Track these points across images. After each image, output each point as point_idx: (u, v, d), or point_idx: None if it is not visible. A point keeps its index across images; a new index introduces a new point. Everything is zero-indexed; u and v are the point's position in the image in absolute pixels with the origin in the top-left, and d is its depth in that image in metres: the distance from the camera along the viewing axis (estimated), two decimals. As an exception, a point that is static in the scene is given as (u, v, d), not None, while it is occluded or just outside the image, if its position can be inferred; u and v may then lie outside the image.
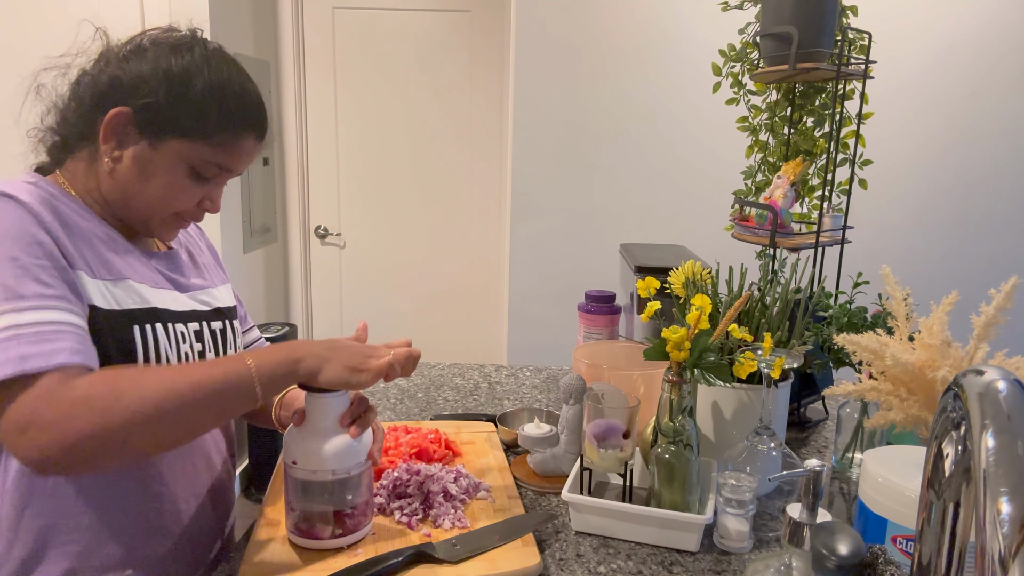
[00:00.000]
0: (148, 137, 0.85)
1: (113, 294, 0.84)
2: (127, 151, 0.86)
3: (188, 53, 0.87)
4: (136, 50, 0.87)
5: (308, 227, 3.41)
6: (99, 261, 0.85)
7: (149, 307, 0.87)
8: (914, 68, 2.77)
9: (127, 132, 0.85)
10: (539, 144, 2.91)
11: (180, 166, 0.87)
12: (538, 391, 1.57)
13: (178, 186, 0.88)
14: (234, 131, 0.89)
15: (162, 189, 0.87)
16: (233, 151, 0.90)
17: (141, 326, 0.85)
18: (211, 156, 0.88)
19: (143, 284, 0.89)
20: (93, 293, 0.82)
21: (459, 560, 0.87)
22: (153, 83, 0.84)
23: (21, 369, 0.71)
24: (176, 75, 0.85)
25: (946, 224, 2.90)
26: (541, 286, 3.02)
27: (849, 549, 0.65)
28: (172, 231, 0.94)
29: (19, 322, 0.73)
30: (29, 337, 0.73)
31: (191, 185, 0.89)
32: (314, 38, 3.22)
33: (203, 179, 0.90)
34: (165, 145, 0.86)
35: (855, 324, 1.16)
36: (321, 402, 0.88)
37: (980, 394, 0.49)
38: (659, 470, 0.97)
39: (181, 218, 0.92)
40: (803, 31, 1.36)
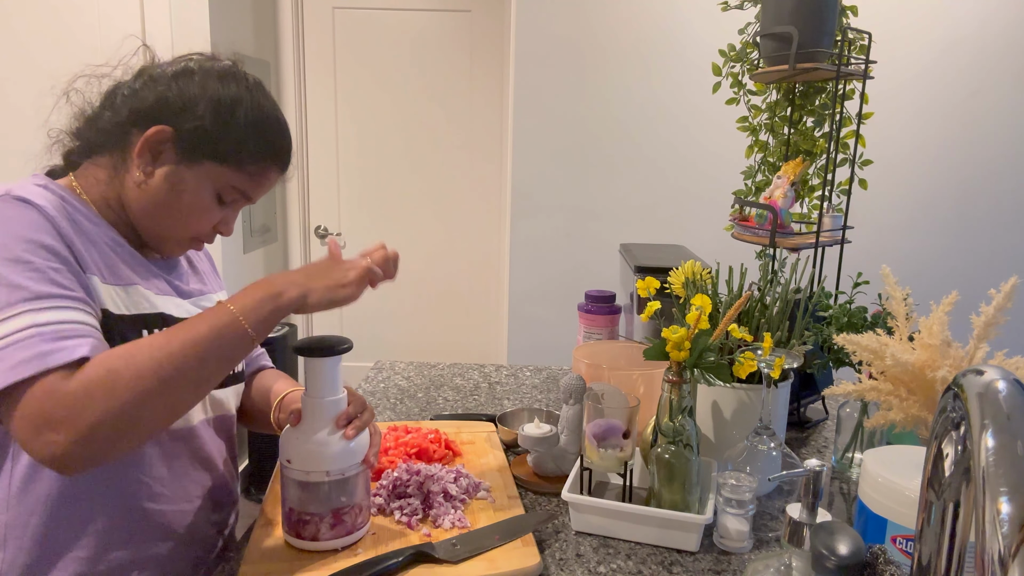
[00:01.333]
0: (184, 158, 0.88)
1: (123, 299, 0.86)
2: (160, 169, 0.88)
3: (234, 83, 0.90)
4: (183, 73, 0.89)
5: (308, 227, 3.41)
6: (109, 267, 0.86)
7: (157, 312, 0.90)
8: (914, 68, 2.77)
9: (164, 150, 0.88)
10: (539, 144, 2.91)
11: (208, 189, 0.90)
12: (538, 391, 1.57)
13: (202, 208, 0.91)
14: (264, 162, 0.93)
15: (188, 209, 0.90)
16: (258, 180, 0.93)
17: (151, 330, 0.87)
18: (238, 183, 0.91)
19: (150, 290, 0.91)
20: (105, 298, 0.83)
21: (459, 560, 0.87)
22: (201, 108, 0.87)
23: (43, 367, 0.72)
24: (224, 103, 0.88)
25: (946, 224, 2.90)
26: (541, 286, 3.01)
27: (849, 549, 0.65)
28: (183, 250, 0.97)
29: (38, 321, 0.73)
30: (49, 335, 0.73)
31: (213, 208, 0.92)
32: (314, 38, 3.22)
33: (224, 203, 0.93)
34: (199, 167, 0.89)
35: (855, 324, 1.16)
36: (317, 403, 0.88)
37: (980, 394, 0.49)
38: (659, 470, 0.97)
39: (196, 240, 0.95)
40: (803, 31, 1.36)
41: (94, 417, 0.72)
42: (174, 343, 0.77)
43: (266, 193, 0.98)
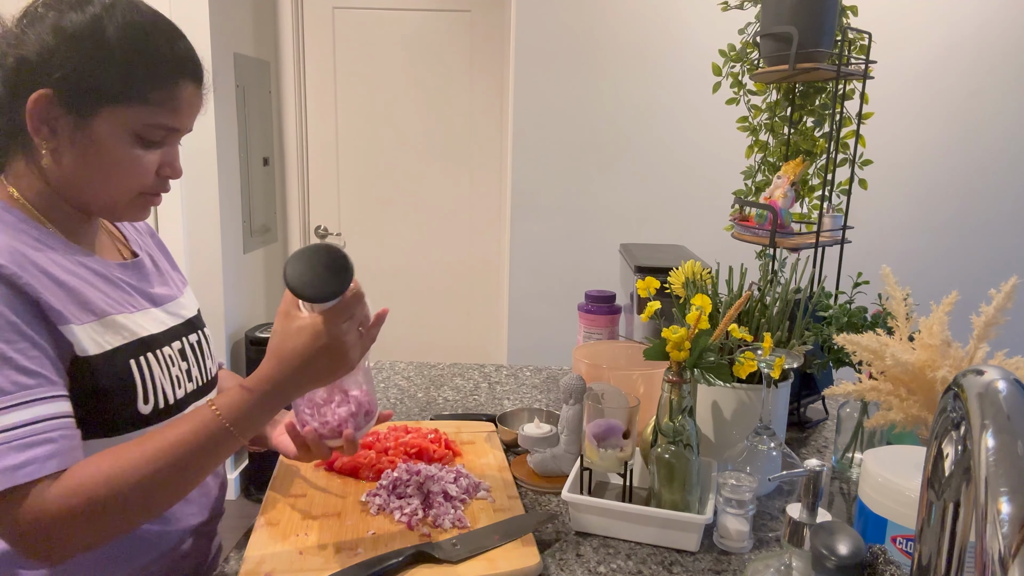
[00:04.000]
0: (78, 115, 0.77)
1: (102, 335, 0.81)
2: (63, 137, 0.78)
3: (88, 5, 0.77)
4: (32, 19, 0.77)
5: (308, 227, 3.41)
6: (80, 302, 0.80)
7: (137, 339, 0.85)
8: (914, 68, 2.77)
9: (55, 116, 0.77)
10: (539, 144, 2.91)
11: (123, 137, 0.79)
12: (538, 391, 1.57)
13: (129, 160, 0.80)
14: (165, 82, 0.80)
15: (113, 168, 0.80)
16: (172, 105, 0.81)
17: (136, 359, 0.83)
18: (150, 117, 0.80)
19: (123, 313, 0.85)
20: (85, 341, 0.78)
21: (459, 560, 0.87)
22: (62, 51, 0.75)
23: (12, 482, 0.69)
24: (83, 35, 0.76)
25: (946, 224, 2.90)
26: (541, 286, 3.02)
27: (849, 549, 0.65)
28: (142, 210, 0.87)
29: (4, 425, 0.69)
30: (16, 444, 0.70)
31: (142, 155, 0.81)
32: (314, 38, 3.22)
33: (152, 144, 0.82)
34: (99, 118, 0.78)
35: (855, 324, 1.16)
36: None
37: (980, 394, 0.49)
38: (659, 470, 0.97)
39: (145, 195, 0.85)
40: (803, 31, 1.36)
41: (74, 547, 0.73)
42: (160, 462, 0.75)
43: (195, 113, 0.85)
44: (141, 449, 0.76)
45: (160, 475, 0.75)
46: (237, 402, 0.79)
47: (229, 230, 2.81)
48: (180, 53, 0.82)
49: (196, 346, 0.96)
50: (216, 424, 0.78)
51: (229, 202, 2.80)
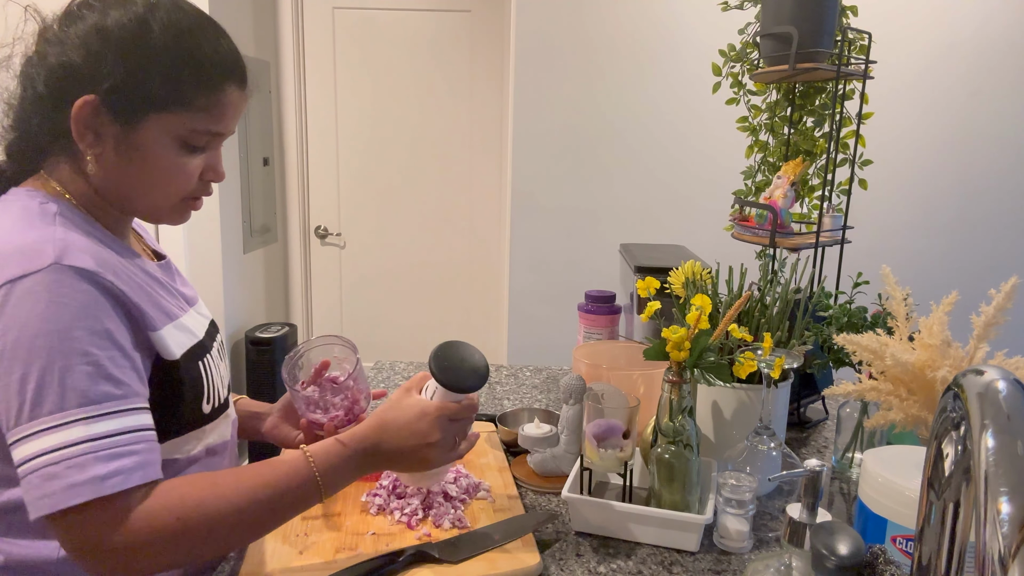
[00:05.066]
0: (125, 122, 0.76)
1: (179, 338, 0.82)
2: (108, 143, 0.77)
3: (132, 5, 0.76)
4: (74, 19, 0.76)
5: (308, 227, 3.41)
6: (157, 307, 0.81)
7: (199, 340, 0.87)
8: (914, 68, 2.77)
9: (101, 122, 0.76)
10: (539, 144, 2.91)
11: (169, 144, 0.79)
12: (538, 391, 1.57)
13: (175, 166, 0.80)
14: (213, 87, 0.79)
15: (159, 175, 0.80)
16: (218, 110, 0.80)
17: (202, 361, 0.86)
18: (196, 123, 0.79)
19: (182, 317, 0.87)
20: (172, 345, 0.80)
21: (459, 560, 0.87)
22: (109, 59, 0.74)
23: (99, 492, 0.68)
24: (129, 38, 0.74)
25: (946, 224, 2.90)
26: (541, 286, 3.01)
27: (849, 549, 0.65)
28: (184, 214, 0.87)
29: (91, 435, 0.69)
30: (103, 455, 0.69)
31: (188, 160, 0.81)
32: (314, 38, 3.22)
33: (197, 150, 0.81)
34: (145, 126, 0.77)
35: (855, 324, 1.16)
36: None
37: (980, 394, 0.49)
38: (659, 470, 0.97)
39: (189, 199, 0.85)
40: (803, 31, 1.36)
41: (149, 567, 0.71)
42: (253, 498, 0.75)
43: (238, 117, 0.84)
44: (237, 481, 0.76)
45: (248, 511, 0.75)
46: (331, 454, 0.81)
47: (229, 230, 2.81)
48: (225, 55, 0.81)
49: (221, 346, 0.99)
50: (307, 472, 0.79)
51: (229, 202, 2.80)
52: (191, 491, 0.73)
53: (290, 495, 0.78)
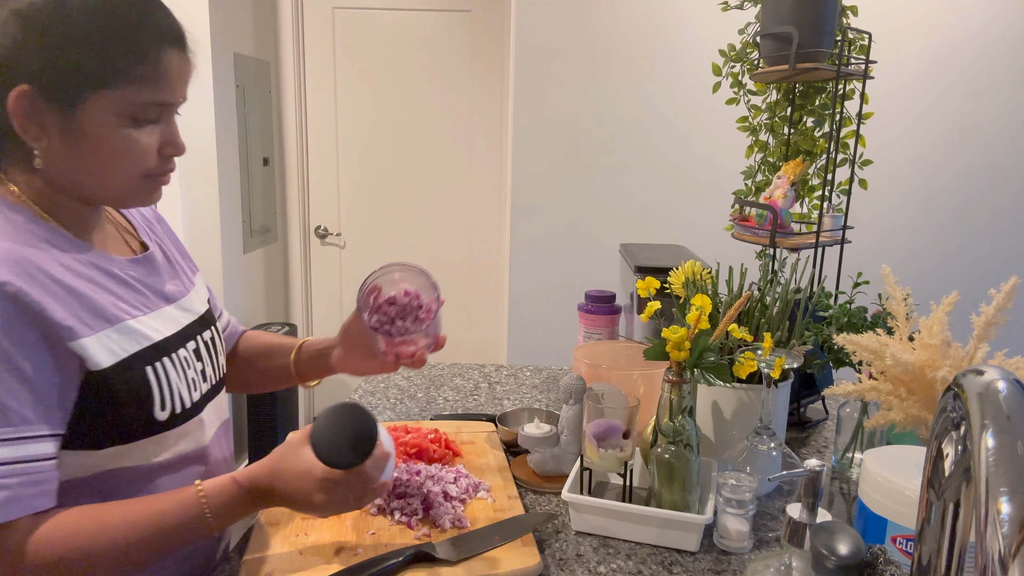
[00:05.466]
0: (63, 106, 0.73)
1: (117, 343, 0.78)
2: (53, 133, 0.74)
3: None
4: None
5: (308, 227, 3.41)
6: (92, 311, 0.77)
7: (152, 344, 0.82)
8: (914, 68, 2.77)
9: (40, 111, 0.73)
10: (539, 144, 2.91)
11: (115, 121, 0.75)
12: (538, 391, 1.57)
13: (126, 144, 0.76)
14: (148, 56, 0.75)
15: (111, 155, 0.76)
16: (159, 79, 0.76)
17: (152, 366, 0.81)
18: (140, 95, 0.75)
19: (138, 316, 0.82)
20: (98, 353, 0.75)
21: (459, 560, 0.87)
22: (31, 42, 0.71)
23: None
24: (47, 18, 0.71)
25: (946, 224, 2.90)
26: (541, 286, 3.01)
27: (849, 549, 0.65)
28: (150, 194, 0.83)
29: None
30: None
31: (139, 136, 0.77)
32: (314, 38, 3.22)
33: (148, 123, 0.78)
34: (86, 106, 0.73)
35: (855, 324, 1.16)
36: None
37: (980, 394, 0.49)
38: (659, 470, 0.97)
39: (148, 176, 0.81)
40: (803, 31, 1.36)
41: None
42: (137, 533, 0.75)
43: (185, 82, 0.80)
44: (123, 518, 0.75)
45: (132, 548, 0.75)
46: (224, 492, 0.80)
47: (229, 230, 2.81)
48: (156, 21, 0.76)
49: (210, 343, 0.95)
50: (197, 508, 0.78)
51: (229, 202, 2.80)
52: (77, 529, 0.73)
53: (179, 532, 0.77)
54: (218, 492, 0.80)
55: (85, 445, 0.77)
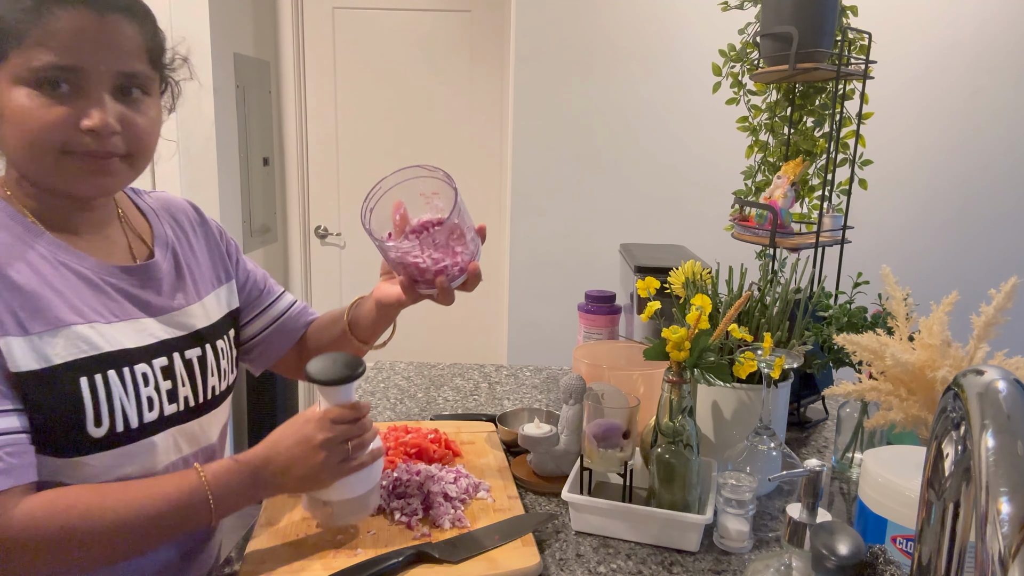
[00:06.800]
0: None
1: (50, 347, 0.74)
2: None
3: None
4: None
5: (308, 227, 3.41)
6: (32, 311, 0.73)
7: (99, 353, 0.77)
8: (914, 68, 2.77)
9: None
10: (539, 144, 2.91)
11: (17, 89, 0.72)
12: (538, 391, 1.57)
13: (29, 112, 0.72)
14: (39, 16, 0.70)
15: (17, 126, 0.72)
16: (57, 41, 0.71)
17: (90, 377, 0.76)
18: (36, 59, 0.71)
19: (94, 323, 0.78)
20: (20, 355, 0.72)
21: (459, 560, 0.87)
22: None
23: None
24: None
25: (946, 224, 2.90)
26: (541, 286, 3.01)
27: (849, 549, 0.65)
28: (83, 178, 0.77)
29: None
30: None
31: (46, 105, 0.72)
32: (314, 38, 3.22)
33: (54, 92, 0.72)
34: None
35: (855, 324, 1.16)
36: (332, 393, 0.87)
37: (980, 394, 0.49)
38: (659, 470, 0.97)
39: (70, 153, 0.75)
40: (803, 31, 1.36)
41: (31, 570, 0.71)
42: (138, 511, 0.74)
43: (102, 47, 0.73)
44: (125, 494, 0.75)
45: (133, 525, 0.74)
46: (225, 471, 0.80)
47: (229, 230, 2.79)
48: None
49: (194, 362, 0.89)
50: (199, 490, 0.78)
51: (229, 202, 2.80)
52: (77, 501, 0.73)
53: (179, 512, 0.77)
54: (217, 473, 0.80)
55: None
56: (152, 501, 0.76)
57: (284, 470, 0.82)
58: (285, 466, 0.82)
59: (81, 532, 0.72)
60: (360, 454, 0.86)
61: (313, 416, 0.84)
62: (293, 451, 0.82)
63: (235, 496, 0.81)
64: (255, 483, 0.82)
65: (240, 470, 0.81)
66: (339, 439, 0.84)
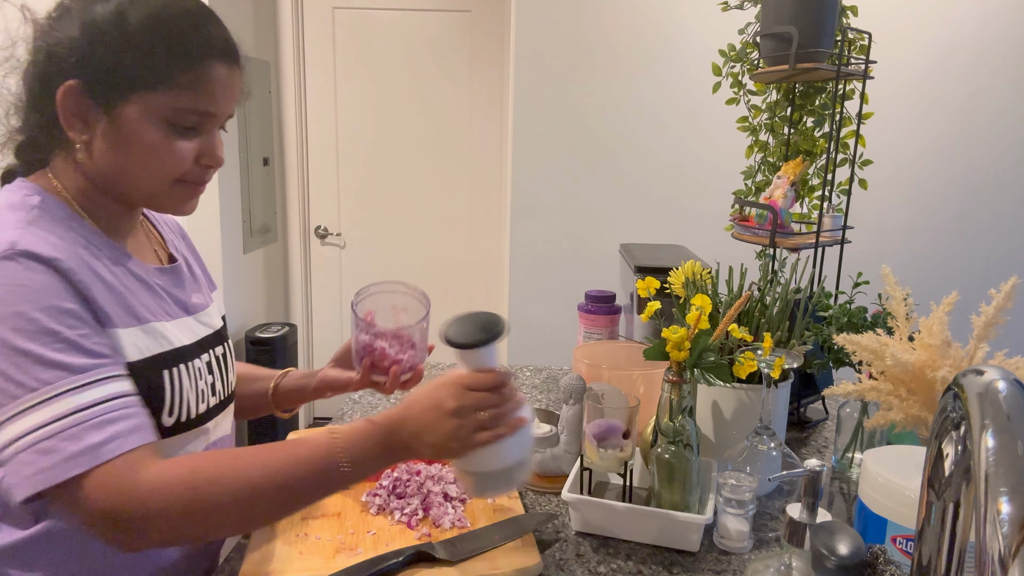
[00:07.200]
0: (107, 104, 0.76)
1: (143, 341, 0.80)
2: (95, 129, 0.77)
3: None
4: (61, 14, 0.78)
5: (308, 227, 3.41)
6: (125, 306, 0.80)
7: (173, 349, 0.84)
8: (914, 68, 2.77)
9: (85, 107, 0.77)
10: (539, 144, 2.91)
11: (154, 124, 0.78)
12: (538, 391, 1.57)
13: (162, 148, 0.79)
14: (195, 65, 0.78)
15: (146, 155, 0.78)
16: (202, 88, 0.79)
17: (169, 370, 0.82)
18: (180, 102, 0.78)
19: (163, 321, 0.85)
20: (128, 347, 0.78)
21: (459, 560, 0.87)
22: (88, 42, 0.75)
23: (97, 460, 0.68)
24: (106, 22, 0.75)
25: (946, 224, 2.90)
26: (541, 286, 3.01)
27: (849, 549, 0.65)
28: (184, 201, 0.85)
29: (80, 404, 0.69)
30: (94, 422, 0.69)
31: (176, 142, 0.79)
32: (314, 38, 3.22)
33: (187, 131, 0.80)
34: (128, 106, 0.76)
35: (855, 324, 1.16)
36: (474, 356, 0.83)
37: (980, 394, 0.49)
38: (659, 470, 0.97)
39: (183, 182, 0.83)
40: (803, 31, 1.36)
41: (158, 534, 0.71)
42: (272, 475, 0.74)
43: (231, 97, 0.82)
44: (256, 456, 0.75)
45: (265, 488, 0.74)
46: (357, 431, 0.79)
47: (229, 230, 2.81)
48: (208, 34, 0.79)
49: (221, 359, 0.95)
50: (331, 449, 0.77)
51: (229, 202, 2.80)
52: (206, 463, 0.73)
53: (313, 476, 0.76)
54: (351, 432, 0.79)
55: None
56: (285, 465, 0.75)
57: (416, 434, 0.79)
58: (416, 431, 0.79)
59: (211, 495, 0.72)
60: (498, 425, 0.81)
61: (448, 380, 0.81)
62: (425, 416, 0.79)
63: (369, 459, 0.79)
64: (388, 446, 0.80)
65: (373, 432, 0.79)
66: (472, 407, 0.79)
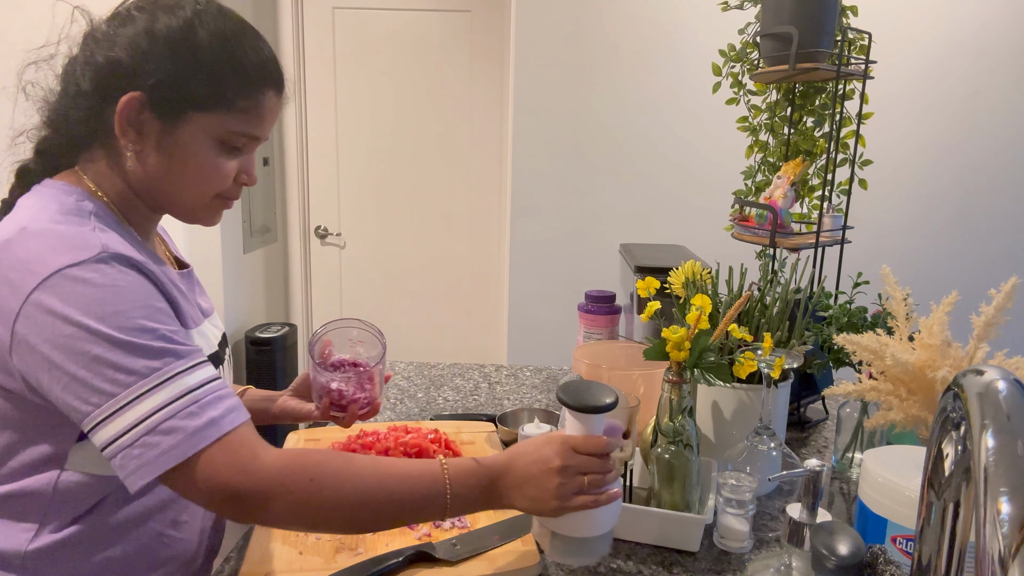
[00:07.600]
0: (167, 119, 0.78)
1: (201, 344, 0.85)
2: (150, 140, 0.79)
3: (180, 9, 0.78)
4: (124, 21, 0.79)
5: (308, 227, 3.41)
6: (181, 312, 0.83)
7: (213, 352, 0.88)
8: (914, 68, 2.77)
9: (144, 119, 0.78)
10: (539, 144, 2.91)
11: (209, 142, 0.81)
12: (538, 391, 1.57)
13: (211, 166, 0.82)
14: (253, 91, 0.81)
15: (196, 173, 0.82)
16: (256, 114, 0.83)
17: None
18: (236, 125, 0.81)
19: (198, 326, 0.88)
20: None
21: (459, 560, 0.87)
22: (156, 56, 0.77)
23: (220, 431, 0.71)
24: (176, 40, 0.77)
25: (946, 224, 2.90)
26: (541, 286, 3.01)
27: (849, 549, 0.65)
28: (217, 214, 0.89)
29: (191, 385, 0.71)
30: (209, 399, 0.72)
31: (224, 161, 0.83)
32: (314, 38, 3.22)
33: (234, 151, 0.84)
34: (186, 124, 0.79)
35: (855, 324, 1.16)
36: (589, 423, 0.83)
37: (980, 394, 0.49)
38: (659, 470, 0.97)
39: (223, 198, 0.86)
40: (803, 31, 1.36)
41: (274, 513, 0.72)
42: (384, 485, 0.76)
43: (273, 122, 0.87)
44: (372, 464, 0.77)
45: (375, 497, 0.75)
46: (465, 468, 0.80)
47: (229, 230, 2.81)
48: (266, 61, 0.83)
49: (225, 364, 0.98)
50: (439, 478, 0.78)
51: (229, 202, 2.80)
52: (326, 459, 0.75)
53: (417, 497, 0.77)
54: (459, 466, 0.79)
55: None
56: (397, 479, 0.77)
57: (517, 485, 0.80)
58: (518, 482, 0.80)
59: (328, 489, 0.73)
60: (597, 491, 0.81)
61: (556, 437, 0.81)
62: (530, 469, 0.80)
63: (470, 497, 0.79)
64: (490, 489, 0.80)
65: (480, 472, 0.80)
66: (576, 469, 0.79)
